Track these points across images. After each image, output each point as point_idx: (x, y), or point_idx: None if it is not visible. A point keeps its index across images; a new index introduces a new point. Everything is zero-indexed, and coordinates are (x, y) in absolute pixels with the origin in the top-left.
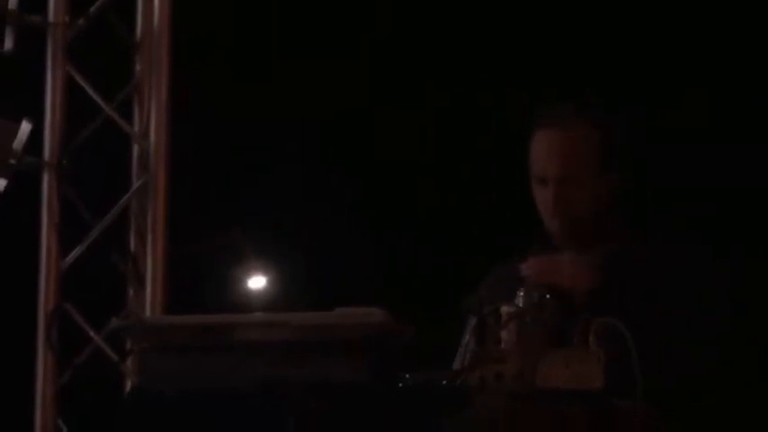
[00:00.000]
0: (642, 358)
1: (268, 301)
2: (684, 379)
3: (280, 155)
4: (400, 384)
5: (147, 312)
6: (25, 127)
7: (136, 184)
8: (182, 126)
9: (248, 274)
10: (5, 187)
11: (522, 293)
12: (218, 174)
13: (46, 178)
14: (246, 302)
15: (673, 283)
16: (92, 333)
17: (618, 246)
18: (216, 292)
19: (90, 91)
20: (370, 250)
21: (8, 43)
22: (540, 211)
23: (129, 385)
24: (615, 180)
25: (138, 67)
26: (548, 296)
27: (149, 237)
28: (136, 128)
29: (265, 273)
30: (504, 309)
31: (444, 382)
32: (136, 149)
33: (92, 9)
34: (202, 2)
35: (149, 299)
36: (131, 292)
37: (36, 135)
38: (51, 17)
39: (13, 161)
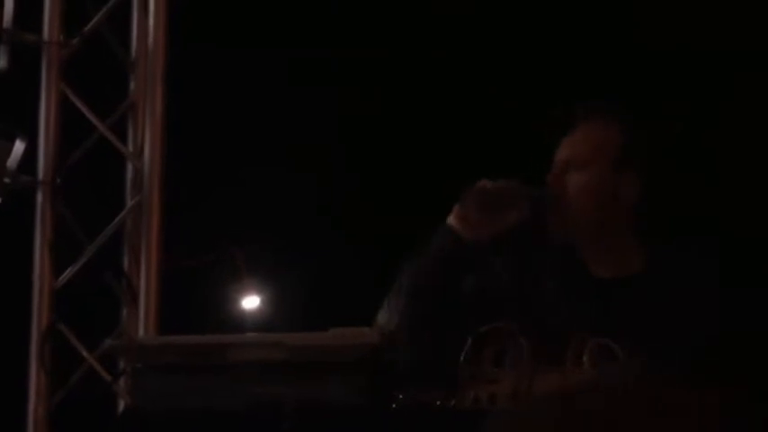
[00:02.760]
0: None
1: (262, 321)
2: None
3: (275, 174)
4: (394, 405)
5: (141, 332)
6: (19, 146)
7: (130, 203)
8: (175, 142)
9: (242, 293)
10: None
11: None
12: (213, 192)
13: (40, 197)
14: (240, 322)
15: (687, 308)
16: (85, 353)
17: (632, 266)
18: (210, 311)
19: (84, 110)
20: (365, 269)
21: (2, 62)
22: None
23: (122, 405)
24: (634, 182)
25: (132, 87)
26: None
27: (143, 256)
28: (130, 147)
29: (259, 292)
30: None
31: (438, 403)
32: (130, 169)
33: (86, 28)
34: (196, 20)
35: (143, 319)
36: (125, 311)
37: (30, 154)
38: (46, 36)
39: (6, 180)
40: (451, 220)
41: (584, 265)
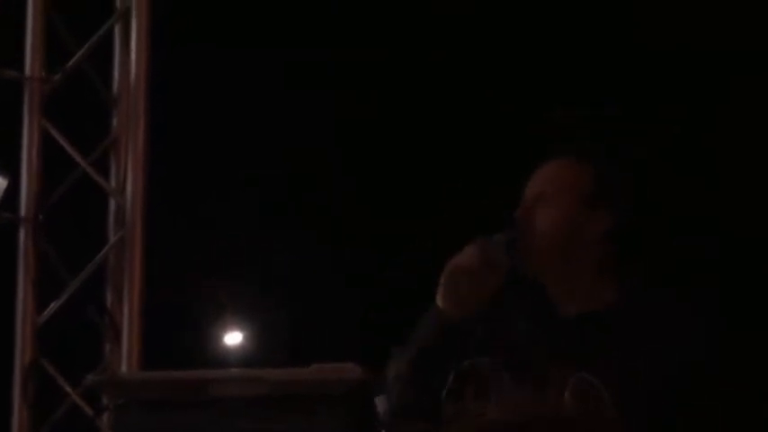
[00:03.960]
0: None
1: (244, 357)
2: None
3: (258, 211)
4: None
5: (124, 368)
6: (1, 182)
7: (112, 239)
8: (157, 176)
9: (225, 329)
10: None
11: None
12: (196, 228)
13: (22, 233)
14: (223, 358)
15: (659, 344)
16: (68, 388)
17: (602, 301)
18: (193, 347)
19: (66, 146)
20: (347, 306)
21: None
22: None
23: None
24: (604, 219)
25: (114, 123)
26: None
27: (126, 292)
28: (112, 183)
29: (242, 328)
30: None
31: None
32: (112, 204)
33: (68, 64)
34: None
35: (126, 354)
36: (108, 347)
37: (12, 190)
38: (28, 71)
39: None
40: (438, 301)
41: (553, 303)
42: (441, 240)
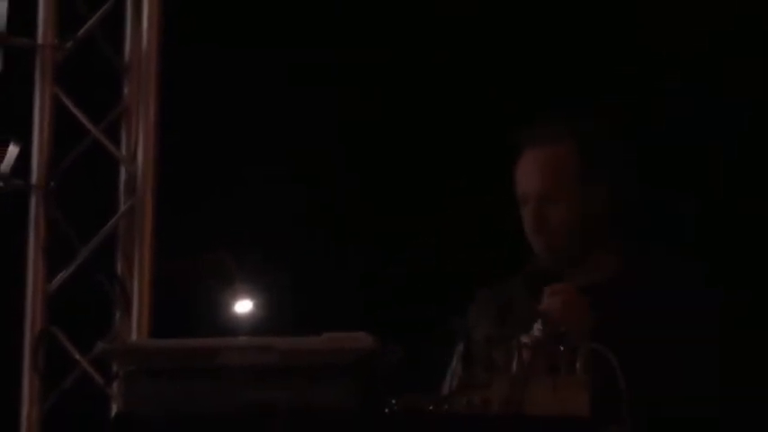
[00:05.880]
0: (637, 384)
1: (254, 325)
2: (684, 402)
3: (268, 178)
4: (387, 409)
5: (134, 336)
6: (13, 149)
7: (123, 207)
8: (169, 147)
9: (235, 297)
10: None
11: (539, 326)
12: (206, 196)
13: (33, 201)
14: (233, 326)
15: (664, 308)
16: (78, 356)
17: (606, 272)
18: (202, 315)
19: (78, 114)
20: (357, 274)
21: None
22: (526, 233)
23: (114, 409)
24: (601, 192)
25: (126, 91)
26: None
27: (136, 260)
28: (123, 151)
29: (252, 296)
30: (523, 339)
31: (431, 408)
32: (123, 172)
33: (80, 32)
34: (190, 25)
35: (136, 322)
36: (118, 315)
37: (24, 157)
38: (40, 39)
39: (0, 183)
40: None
41: (557, 279)
42: (444, 238)
